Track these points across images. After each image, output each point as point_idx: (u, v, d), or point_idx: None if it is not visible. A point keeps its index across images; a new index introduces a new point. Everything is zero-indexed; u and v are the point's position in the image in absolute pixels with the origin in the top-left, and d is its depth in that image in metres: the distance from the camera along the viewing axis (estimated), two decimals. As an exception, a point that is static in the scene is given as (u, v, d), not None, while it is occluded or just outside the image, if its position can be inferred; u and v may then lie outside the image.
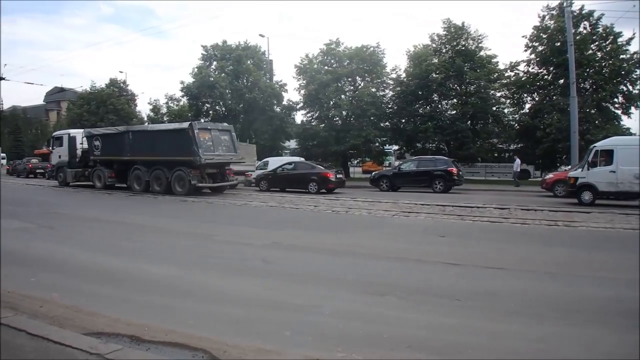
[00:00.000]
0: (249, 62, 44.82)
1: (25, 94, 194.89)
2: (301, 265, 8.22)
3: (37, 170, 43.08)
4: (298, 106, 43.22)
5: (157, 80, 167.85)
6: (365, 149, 38.64)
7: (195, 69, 45.13)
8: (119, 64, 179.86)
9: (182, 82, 45.25)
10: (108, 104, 54.50)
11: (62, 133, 30.79)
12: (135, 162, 23.72)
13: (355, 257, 8.71)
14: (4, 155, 62.44)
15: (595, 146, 18.59)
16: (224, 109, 45.61)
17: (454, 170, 25.86)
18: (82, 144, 27.28)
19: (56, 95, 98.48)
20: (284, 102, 44.93)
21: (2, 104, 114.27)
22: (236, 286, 6.84)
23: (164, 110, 49.94)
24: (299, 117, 44.78)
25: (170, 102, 48.84)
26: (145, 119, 56.54)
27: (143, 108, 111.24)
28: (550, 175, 24.75)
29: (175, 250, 9.69)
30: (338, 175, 25.25)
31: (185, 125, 22.05)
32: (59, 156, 28.92)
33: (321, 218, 15.08)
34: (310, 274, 7.54)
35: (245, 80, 44.47)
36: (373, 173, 30.76)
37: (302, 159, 32.56)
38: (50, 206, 17.56)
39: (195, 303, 6.04)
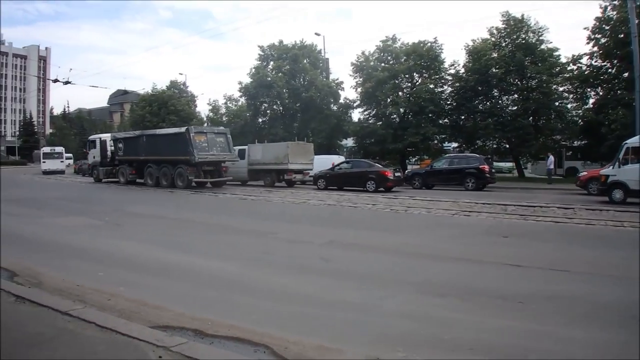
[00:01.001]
0: (305, 61, 45.20)
1: (90, 96, 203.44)
2: (360, 264, 8.18)
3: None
4: (355, 104, 43.22)
5: (216, 81, 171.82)
6: (423, 147, 38.29)
7: (253, 69, 45.92)
8: (178, 66, 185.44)
9: (240, 83, 46.35)
10: (169, 105, 55.94)
11: (95, 137, 35.95)
12: (148, 161, 27.86)
13: (415, 257, 8.68)
14: (70, 155, 65.43)
15: (626, 143, 17.91)
16: (281, 108, 46.23)
17: (486, 167, 25.88)
18: (111, 146, 31.94)
19: (119, 97, 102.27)
20: (341, 101, 45.07)
21: (68, 106, 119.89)
22: (296, 283, 6.92)
23: (223, 110, 51.00)
24: (356, 115, 44.82)
25: (229, 102, 50.01)
26: (205, 119, 57.87)
27: (203, 109, 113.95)
28: (584, 173, 24.12)
29: (236, 247, 9.87)
30: (396, 174, 25.18)
31: (183, 129, 26.47)
32: (94, 157, 34.25)
33: (380, 217, 15.03)
34: (370, 273, 7.51)
35: (301, 79, 44.91)
36: (406, 171, 31.01)
37: (341, 157, 33.34)
38: (112, 204, 18.20)
39: (257, 299, 6.13)
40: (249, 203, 19.38)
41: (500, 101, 36.83)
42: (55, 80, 39.54)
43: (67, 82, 38.21)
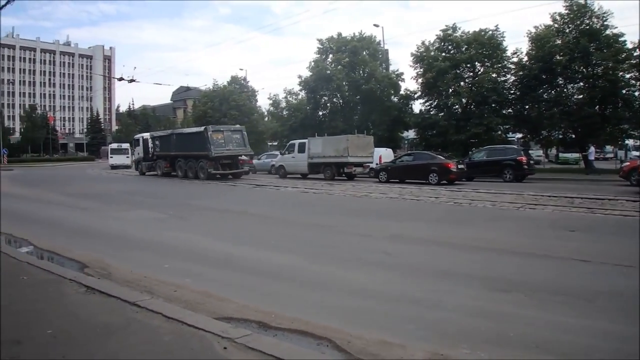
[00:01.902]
0: (364, 53, 44.97)
1: (154, 93, 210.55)
2: (423, 258, 8.14)
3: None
4: (415, 95, 42.68)
5: (276, 76, 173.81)
6: (487, 138, 37.06)
7: (312, 63, 46.28)
8: (238, 61, 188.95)
9: (299, 76, 46.90)
10: (230, 100, 57.17)
11: (139, 136, 40.77)
12: (178, 156, 31.87)
13: (479, 251, 8.56)
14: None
15: None
16: (341, 101, 46.33)
17: (524, 159, 25.78)
18: (151, 144, 36.24)
19: (182, 94, 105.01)
20: (401, 92, 44.58)
21: (133, 104, 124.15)
22: (358, 278, 6.92)
23: (283, 104, 51.48)
24: (417, 106, 44.27)
25: (289, 96, 50.42)
26: (266, 113, 59.10)
27: (263, 103, 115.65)
28: (627, 163, 23.55)
29: (297, 240, 9.97)
30: (459, 166, 24.96)
31: (202, 129, 30.44)
32: (138, 153, 39.06)
33: (442, 210, 14.92)
34: (433, 267, 7.48)
35: (361, 72, 44.70)
36: None
37: (389, 150, 33.78)
38: (174, 197, 18.78)
39: (319, 292, 6.22)
40: (310, 196, 19.62)
41: (565, 90, 35.58)
42: (121, 79, 41.52)
43: (131, 80, 40.11)
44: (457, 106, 38.99)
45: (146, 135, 39.30)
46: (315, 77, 45.06)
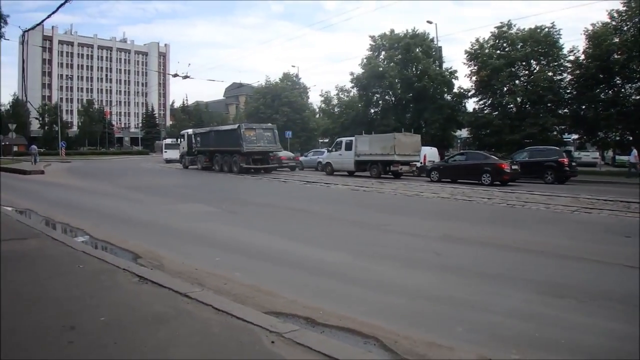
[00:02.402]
0: (417, 50, 44.66)
1: (207, 90, 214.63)
2: (474, 259, 8.03)
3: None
4: (469, 93, 42.27)
5: (328, 73, 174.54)
6: (542, 138, 35.81)
7: (364, 60, 46.22)
8: (291, 58, 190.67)
9: (351, 74, 46.94)
10: (282, 97, 57.97)
11: (184, 132, 43.28)
12: (216, 151, 34.38)
13: (531, 254, 8.44)
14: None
15: None
16: (393, 98, 46.20)
17: (565, 160, 25.43)
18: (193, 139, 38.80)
19: (234, 90, 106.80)
20: (455, 90, 44.25)
21: (187, 99, 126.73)
22: (407, 277, 6.93)
23: (335, 101, 51.74)
24: (471, 104, 43.78)
25: (340, 93, 50.56)
26: (317, 110, 59.69)
27: (315, 100, 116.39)
28: None
29: (347, 237, 9.99)
30: (513, 167, 24.52)
31: (236, 126, 33.93)
32: (183, 148, 41.48)
33: (495, 211, 14.70)
34: (483, 269, 7.39)
35: (414, 69, 44.53)
36: None
37: (433, 149, 34.11)
38: (225, 192, 18.98)
39: (367, 291, 6.21)
40: (360, 194, 19.65)
41: (623, 90, 34.55)
42: (175, 75, 42.91)
43: (186, 77, 41.53)
44: (511, 105, 38.44)
45: (190, 131, 41.89)
46: (367, 74, 45.09)
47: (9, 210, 12.78)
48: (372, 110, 48.14)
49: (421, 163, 30.56)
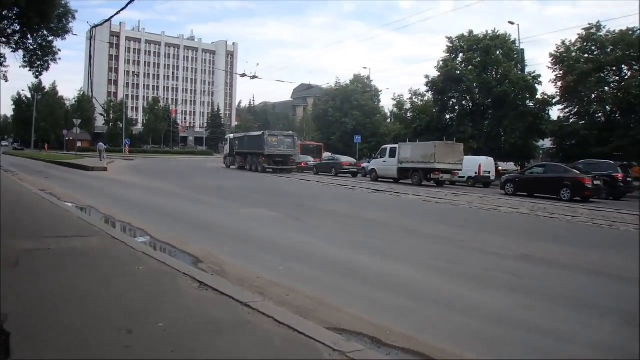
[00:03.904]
0: (497, 52, 44.39)
1: (275, 90, 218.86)
2: (555, 283, 7.77)
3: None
4: (554, 100, 41.47)
5: (402, 75, 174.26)
6: (634, 151, 34.67)
7: (441, 62, 46.19)
8: (362, 59, 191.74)
9: (426, 77, 46.86)
10: (352, 100, 58.59)
11: (228, 136, 52.66)
12: (248, 153, 41.74)
13: (621, 282, 8.10)
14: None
15: None
16: (470, 104, 45.91)
17: (620, 176, 25.29)
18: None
19: (303, 92, 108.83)
20: (538, 96, 43.37)
21: (253, 100, 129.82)
22: (482, 298, 6.73)
23: (408, 105, 51.76)
24: (555, 112, 42.87)
25: (414, 97, 50.52)
26: (389, 114, 59.99)
27: (387, 104, 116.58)
28: None
29: (417, 251, 9.92)
30: (595, 182, 23.72)
31: (260, 133, 42.36)
32: (226, 150, 49.44)
33: (579, 231, 14.22)
34: (566, 294, 7.11)
35: (494, 73, 44.24)
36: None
37: (490, 159, 34.77)
38: (289, 196, 19.17)
39: (438, 310, 6.10)
40: (433, 206, 19.60)
41: None
42: (243, 75, 44.74)
43: (254, 77, 43.48)
44: (600, 114, 37.54)
45: (232, 136, 50.54)
46: (443, 77, 45.07)
47: (70, 206, 13.49)
48: (448, 116, 47.94)
49: (475, 173, 32.16)
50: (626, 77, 36.94)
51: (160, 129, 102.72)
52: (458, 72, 44.50)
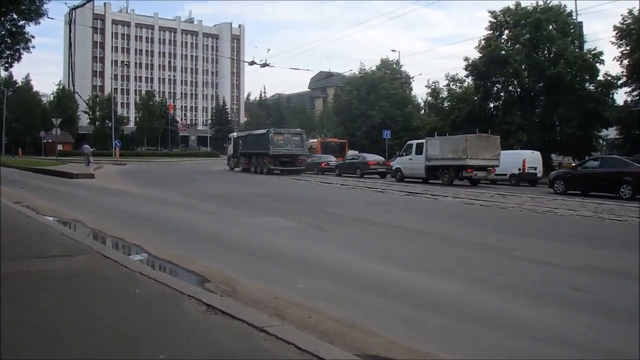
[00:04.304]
0: (550, 27, 44.25)
1: (289, 80, 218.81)
2: (624, 298, 7.65)
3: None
4: (619, 82, 41.32)
5: (436, 59, 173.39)
6: None
7: (482, 42, 46.50)
8: (390, 41, 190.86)
9: (466, 59, 47.12)
10: (379, 89, 58.77)
11: (231, 135, 56.68)
12: (252, 154, 44.38)
13: None
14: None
15: None
16: (518, 89, 46.05)
17: None
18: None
19: (322, 81, 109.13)
20: (599, 78, 42.94)
21: (265, 92, 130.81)
22: (537, 317, 6.68)
23: (445, 94, 52.19)
24: (621, 96, 42.92)
25: (451, 83, 50.94)
26: (422, 104, 60.15)
27: (420, 92, 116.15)
28: None
29: (462, 264, 9.85)
30: None
31: (265, 130, 44.80)
32: (229, 150, 53.51)
33: None
34: (636, 311, 6.83)
35: (546, 52, 44.25)
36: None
37: (536, 153, 34.96)
38: (305, 202, 19.63)
39: (486, 332, 6.06)
40: (477, 209, 19.75)
41: None
42: (252, 63, 45.46)
43: (264, 65, 44.20)
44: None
45: (235, 134, 54.65)
46: (485, 59, 45.23)
47: (51, 220, 13.59)
48: (492, 105, 48.27)
49: (519, 170, 32.54)
50: None
51: (156, 128, 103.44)
52: (503, 52, 44.68)
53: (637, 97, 40.29)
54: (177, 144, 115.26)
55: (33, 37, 18.88)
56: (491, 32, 47.48)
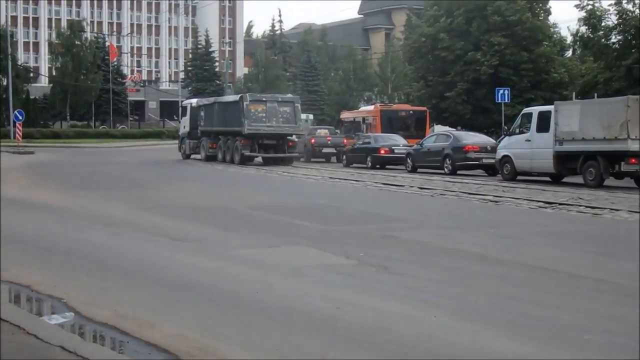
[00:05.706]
0: None
1: (322, 3, 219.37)
2: None
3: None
4: None
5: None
6: None
7: None
8: None
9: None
10: (490, 12, 58.70)
11: (187, 103, 59.78)
12: (219, 132, 47.94)
13: None
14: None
15: None
16: None
17: None
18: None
19: (384, 2, 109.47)
20: None
21: (280, 20, 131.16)
22: None
23: (610, 21, 51.34)
24: None
25: (625, 2, 50.36)
26: (570, 42, 59.87)
27: (564, 18, 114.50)
28: None
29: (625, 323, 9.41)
30: None
31: (237, 97, 46.95)
32: (184, 127, 56.82)
33: None
34: None
35: None
36: None
37: None
38: (359, 217, 21.17)
39: None
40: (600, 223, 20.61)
41: None
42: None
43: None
44: None
45: (194, 102, 57.64)
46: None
47: None
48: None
49: None
50: None
51: (87, 89, 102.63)
52: None
53: None
54: (126, 117, 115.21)
55: None
56: None
